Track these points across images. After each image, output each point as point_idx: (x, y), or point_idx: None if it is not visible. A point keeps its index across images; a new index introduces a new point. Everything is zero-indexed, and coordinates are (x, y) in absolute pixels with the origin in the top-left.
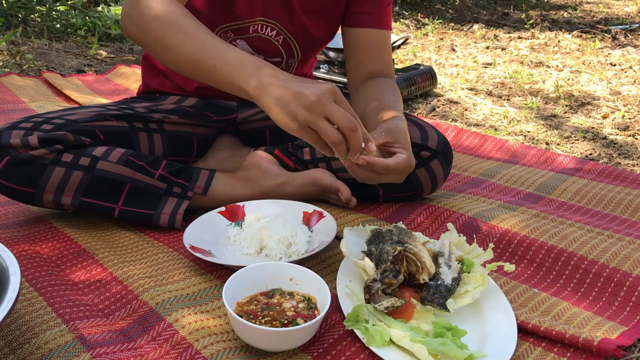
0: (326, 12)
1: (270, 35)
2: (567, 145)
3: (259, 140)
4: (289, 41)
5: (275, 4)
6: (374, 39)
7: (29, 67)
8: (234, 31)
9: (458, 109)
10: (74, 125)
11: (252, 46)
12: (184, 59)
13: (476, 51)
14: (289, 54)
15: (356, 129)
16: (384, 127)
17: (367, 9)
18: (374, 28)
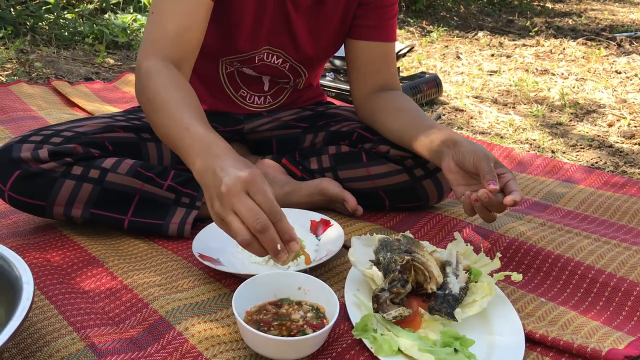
0: (332, 26)
1: (276, 63)
2: (572, 153)
3: (265, 149)
4: (295, 67)
5: (279, 34)
6: (379, 51)
7: (38, 75)
8: (239, 61)
9: (464, 117)
10: (83, 137)
11: (258, 71)
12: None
13: (481, 59)
14: (295, 75)
15: (265, 230)
16: (461, 152)
17: (371, 22)
18: (379, 41)
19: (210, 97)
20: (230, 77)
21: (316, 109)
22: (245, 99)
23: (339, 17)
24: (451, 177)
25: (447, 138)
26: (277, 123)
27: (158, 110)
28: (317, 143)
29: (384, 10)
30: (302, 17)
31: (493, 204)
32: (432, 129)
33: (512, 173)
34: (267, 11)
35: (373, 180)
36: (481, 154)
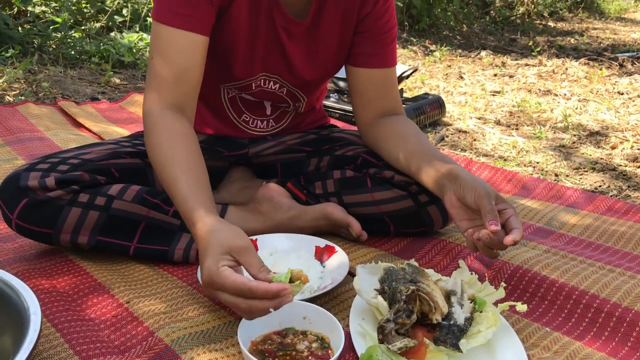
0: (328, 52)
1: (273, 88)
2: (576, 176)
3: (270, 172)
4: (293, 91)
5: (274, 60)
6: (380, 78)
7: (45, 94)
8: (237, 88)
9: (467, 139)
10: (89, 164)
11: (257, 97)
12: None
13: (484, 79)
14: (294, 100)
15: (251, 311)
16: (462, 187)
17: (370, 50)
18: (379, 68)
19: (215, 121)
20: (233, 102)
21: (320, 132)
22: (248, 123)
23: (335, 43)
24: (454, 212)
25: (448, 171)
26: (282, 147)
27: (158, 165)
28: (322, 167)
29: (382, 37)
30: (296, 43)
31: (494, 244)
32: (435, 160)
33: (513, 208)
34: (260, 39)
35: (378, 205)
36: (482, 191)
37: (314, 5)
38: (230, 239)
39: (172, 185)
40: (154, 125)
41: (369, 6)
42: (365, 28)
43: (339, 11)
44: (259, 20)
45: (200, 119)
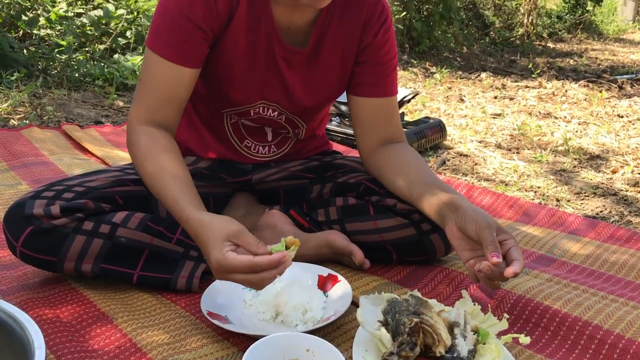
0: (328, 80)
1: (272, 115)
2: (577, 201)
3: (273, 199)
4: (291, 119)
5: (273, 88)
6: (381, 107)
7: (49, 118)
8: (236, 114)
9: (468, 163)
10: (94, 192)
11: (256, 123)
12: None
13: (484, 101)
14: (293, 127)
15: (262, 283)
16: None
17: (370, 80)
18: (380, 97)
19: (217, 146)
20: (235, 128)
21: (323, 159)
22: (250, 148)
23: (335, 72)
24: (455, 242)
25: (450, 201)
26: (285, 173)
27: (146, 174)
28: (325, 194)
29: (383, 67)
30: (296, 72)
31: (495, 275)
32: (436, 189)
33: (514, 239)
34: (258, 67)
35: (380, 233)
36: (483, 222)
37: (314, 35)
38: (225, 226)
39: (162, 191)
40: (139, 140)
41: (369, 37)
42: (365, 58)
43: (339, 41)
44: (257, 49)
45: (203, 144)
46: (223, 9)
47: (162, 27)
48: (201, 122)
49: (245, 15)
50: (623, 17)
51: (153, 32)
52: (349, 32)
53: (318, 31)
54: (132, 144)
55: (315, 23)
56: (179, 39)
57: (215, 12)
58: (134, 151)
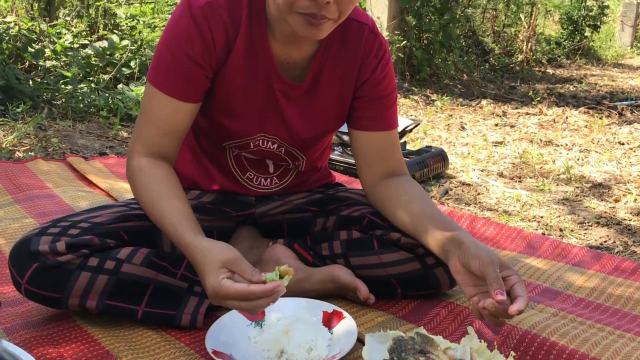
0: (327, 114)
1: (272, 148)
2: (581, 231)
3: (277, 232)
4: (291, 151)
5: (272, 121)
6: (382, 141)
7: (54, 150)
8: (237, 147)
9: (471, 192)
10: (99, 228)
11: (257, 155)
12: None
13: (485, 128)
14: (293, 159)
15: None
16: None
17: (370, 114)
18: (380, 131)
19: (220, 178)
20: (237, 160)
21: (326, 191)
22: (252, 180)
23: (334, 106)
24: (459, 278)
25: (452, 236)
26: (288, 206)
27: (145, 202)
28: (328, 227)
29: (382, 102)
30: (294, 105)
31: (500, 312)
32: (439, 223)
33: (517, 274)
34: (257, 100)
35: (385, 268)
36: (487, 259)
37: (312, 69)
38: (221, 254)
39: (161, 218)
40: (139, 170)
41: (367, 73)
42: (364, 93)
43: (337, 76)
44: (256, 83)
45: (208, 177)
46: (220, 44)
47: (163, 63)
48: (205, 155)
49: (243, 50)
50: (621, 43)
51: (154, 67)
52: (346, 67)
53: (316, 66)
54: (131, 175)
55: (313, 58)
56: (178, 75)
57: (212, 49)
58: (133, 181)
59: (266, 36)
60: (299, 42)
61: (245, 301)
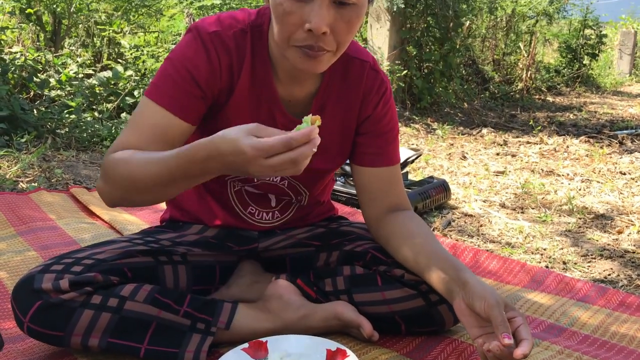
0: (330, 150)
1: (275, 181)
2: (584, 264)
3: (279, 266)
4: (294, 184)
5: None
6: (384, 176)
7: (57, 180)
8: (240, 180)
9: (473, 223)
10: (102, 264)
11: (260, 189)
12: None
13: (487, 158)
14: (296, 194)
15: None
16: (471, 295)
17: (372, 150)
18: (383, 167)
19: (222, 213)
20: (239, 195)
21: (329, 225)
22: (254, 215)
23: (336, 143)
24: (464, 319)
25: (457, 275)
26: (291, 241)
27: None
28: (331, 262)
29: (384, 137)
30: None
31: (505, 356)
32: (443, 262)
33: (522, 316)
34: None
35: (389, 305)
36: (492, 300)
37: (314, 106)
38: (241, 126)
39: (152, 165)
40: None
41: (369, 109)
42: (366, 130)
43: (339, 113)
44: (260, 118)
45: (208, 212)
46: (225, 73)
47: (163, 79)
48: (206, 190)
49: (247, 87)
50: (619, 70)
51: (153, 84)
52: (348, 104)
53: (318, 103)
54: (105, 166)
55: (315, 96)
56: (176, 90)
57: (218, 75)
58: (110, 168)
59: (269, 73)
60: (301, 79)
61: (289, 151)
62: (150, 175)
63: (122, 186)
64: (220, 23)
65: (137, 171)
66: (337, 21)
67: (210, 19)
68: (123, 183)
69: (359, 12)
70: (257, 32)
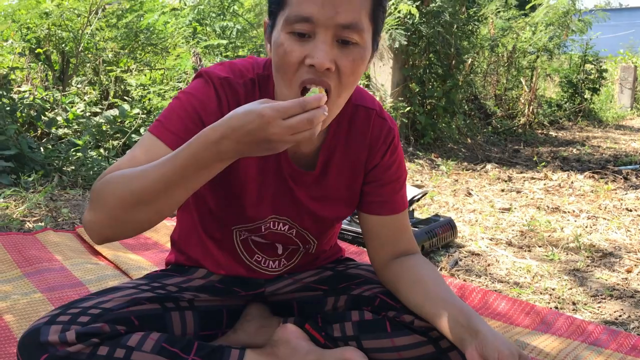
0: (338, 199)
1: (282, 229)
2: (594, 304)
3: (286, 310)
4: (302, 233)
5: (284, 203)
6: (391, 224)
7: (64, 220)
8: (247, 230)
9: (481, 263)
10: (109, 314)
11: (267, 239)
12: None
13: (492, 194)
14: (304, 242)
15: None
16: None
17: (379, 198)
18: (390, 215)
19: (227, 262)
20: (245, 244)
21: (336, 267)
22: (260, 263)
23: (344, 193)
24: None
25: (468, 323)
26: (298, 285)
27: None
28: (339, 307)
29: (391, 186)
30: (305, 192)
31: None
32: (453, 308)
33: None
34: (269, 186)
35: (398, 351)
36: (506, 351)
37: (321, 158)
38: (252, 103)
39: (154, 168)
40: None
41: (376, 159)
42: (373, 178)
43: (347, 163)
44: (267, 169)
45: (213, 261)
46: None
47: (168, 117)
48: (209, 239)
49: None
50: (621, 105)
51: (158, 120)
52: (355, 155)
53: (325, 156)
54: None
55: (321, 148)
56: (180, 127)
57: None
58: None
59: None
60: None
61: (305, 112)
62: (152, 179)
63: (118, 202)
64: (231, 70)
65: (136, 177)
66: (341, 59)
67: (220, 66)
68: (118, 199)
69: (363, 54)
70: (264, 83)
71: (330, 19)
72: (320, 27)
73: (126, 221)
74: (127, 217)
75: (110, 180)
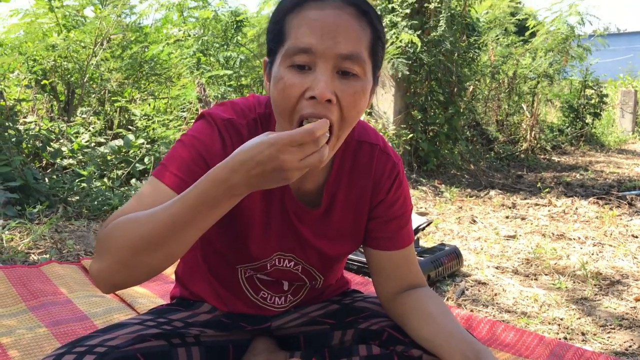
0: (343, 236)
1: (288, 266)
2: (603, 335)
3: (293, 344)
4: (308, 269)
5: (289, 240)
6: (398, 258)
7: (69, 252)
8: (253, 269)
9: (487, 292)
10: (115, 352)
11: (272, 276)
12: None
13: (496, 221)
14: (310, 278)
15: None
16: None
17: (384, 234)
18: (396, 250)
19: (232, 300)
20: (250, 281)
21: (343, 300)
22: (266, 300)
23: (349, 229)
24: None
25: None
26: (305, 319)
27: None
28: (347, 341)
29: (397, 222)
30: (310, 228)
31: None
32: (462, 343)
33: None
34: (274, 223)
35: None
36: None
37: (326, 195)
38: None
39: (162, 210)
40: (118, 221)
41: (381, 195)
42: (378, 214)
43: (351, 200)
44: (272, 207)
45: (218, 298)
46: None
47: (172, 160)
48: (214, 277)
49: None
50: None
51: (162, 164)
52: (360, 192)
53: (329, 193)
54: (100, 236)
55: (325, 186)
56: (185, 171)
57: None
58: (104, 235)
59: None
60: (311, 170)
61: (306, 144)
62: (162, 221)
63: (127, 246)
64: (234, 111)
65: (145, 220)
66: (342, 92)
67: (222, 107)
68: (127, 244)
69: (364, 87)
70: (266, 122)
71: (330, 48)
72: (320, 58)
73: (136, 266)
74: (136, 262)
75: (117, 225)
